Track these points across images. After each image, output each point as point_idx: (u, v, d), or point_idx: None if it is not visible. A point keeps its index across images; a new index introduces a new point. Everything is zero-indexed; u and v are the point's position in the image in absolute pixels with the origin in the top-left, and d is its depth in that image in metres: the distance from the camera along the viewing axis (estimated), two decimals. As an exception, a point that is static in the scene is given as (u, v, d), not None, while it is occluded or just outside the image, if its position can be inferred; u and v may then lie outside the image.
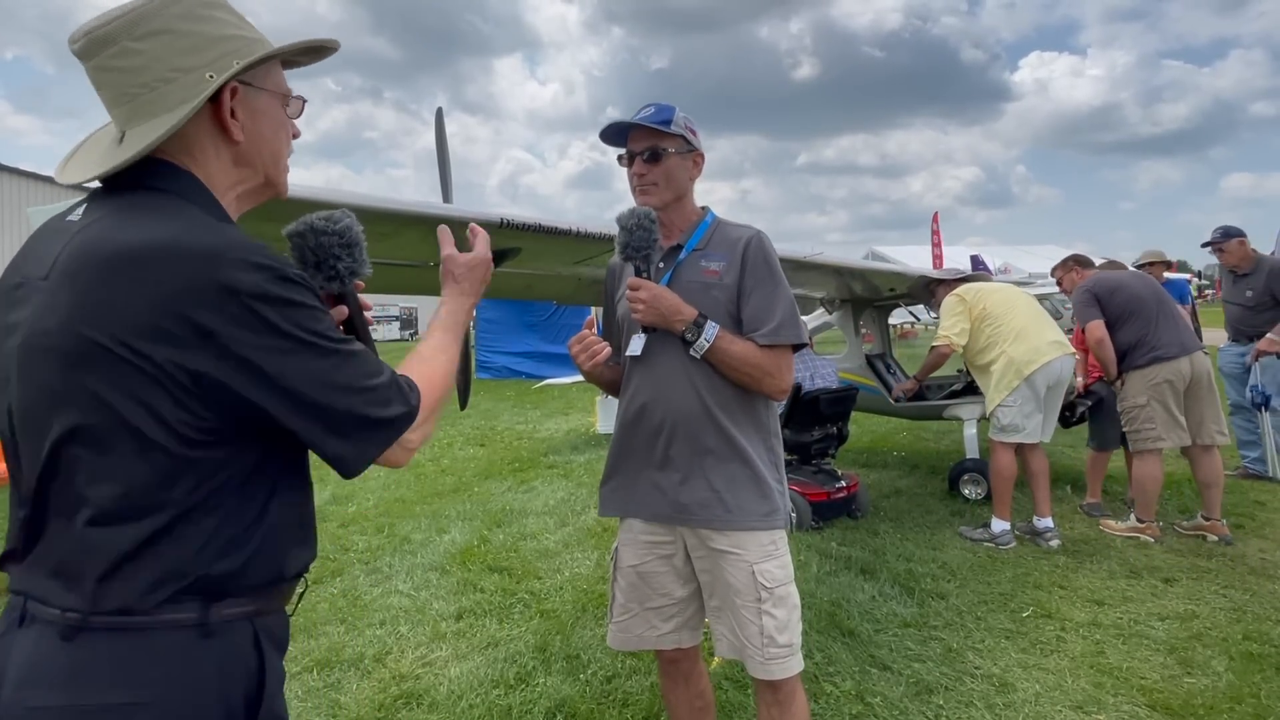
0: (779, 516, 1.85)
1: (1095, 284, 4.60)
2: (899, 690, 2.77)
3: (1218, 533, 4.30)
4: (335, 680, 2.95)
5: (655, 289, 1.79)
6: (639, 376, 1.89)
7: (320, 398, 0.97)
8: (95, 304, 0.89)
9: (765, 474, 1.84)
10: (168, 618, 0.93)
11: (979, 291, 4.64)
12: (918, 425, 8.12)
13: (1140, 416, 4.33)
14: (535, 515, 5.23)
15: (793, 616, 1.81)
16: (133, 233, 0.92)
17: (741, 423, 1.84)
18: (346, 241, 1.12)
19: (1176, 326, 4.43)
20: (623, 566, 1.97)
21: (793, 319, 1.82)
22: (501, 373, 15.14)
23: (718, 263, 1.86)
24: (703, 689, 2.07)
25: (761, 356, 1.79)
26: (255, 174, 1.09)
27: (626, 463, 1.93)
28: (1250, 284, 5.31)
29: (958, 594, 3.65)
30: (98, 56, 0.98)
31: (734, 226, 1.93)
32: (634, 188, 1.90)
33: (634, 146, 1.88)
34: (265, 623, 1.04)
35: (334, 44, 1.13)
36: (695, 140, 1.90)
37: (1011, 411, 4.33)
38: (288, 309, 0.94)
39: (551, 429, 9.02)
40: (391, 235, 2.55)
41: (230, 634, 0.98)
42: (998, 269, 17.37)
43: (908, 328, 24.86)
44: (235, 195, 1.08)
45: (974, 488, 5.27)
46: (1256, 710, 2.61)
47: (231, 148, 1.05)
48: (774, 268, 1.84)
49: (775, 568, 1.81)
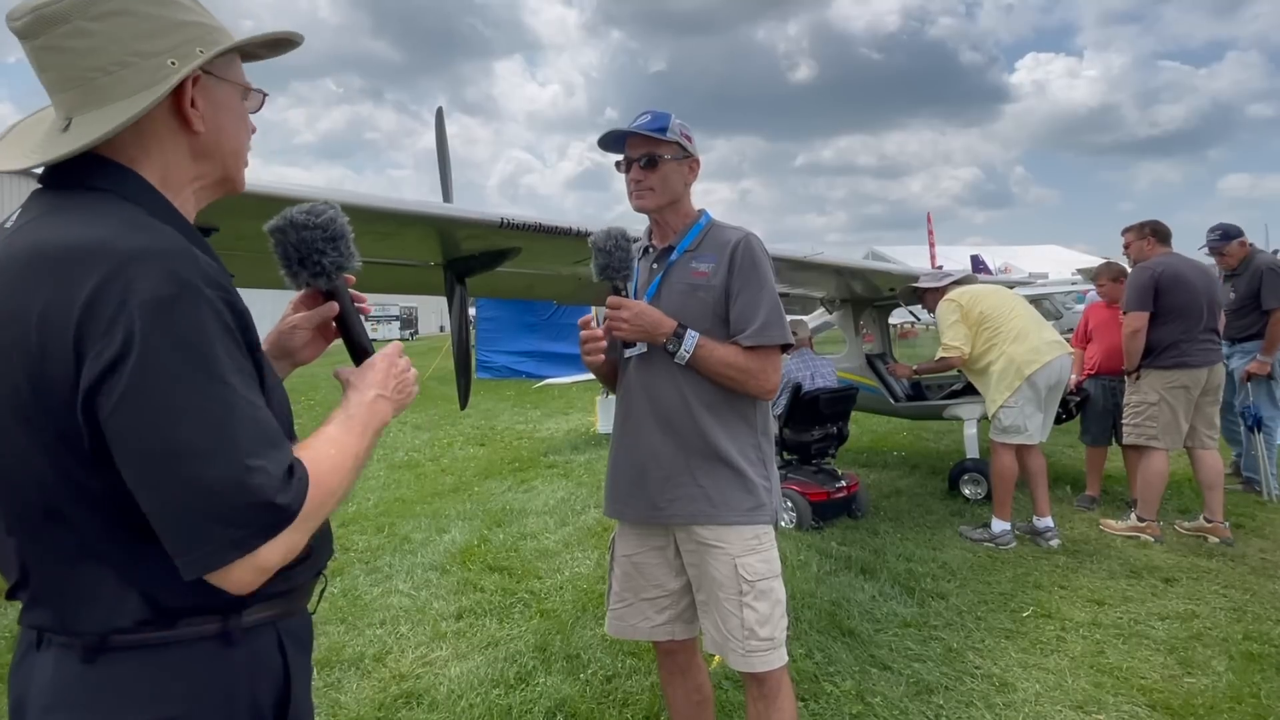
0: (764, 512, 1.89)
1: (1162, 270, 4.34)
2: (899, 690, 2.77)
3: (1219, 534, 4.30)
4: (335, 680, 2.95)
5: (636, 307, 1.83)
6: (631, 379, 1.96)
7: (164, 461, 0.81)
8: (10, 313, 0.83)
9: (750, 471, 1.88)
10: (189, 630, 0.90)
11: (974, 295, 4.61)
12: (918, 425, 8.12)
13: (1145, 413, 4.31)
14: (535, 515, 5.23)
15: (775, 611, 1.85)
16: (59, 233, 0.85)
17: (729, 422, 1.88)
18: (331, 235, 1.07)
19: (1213, 338, 4.33)
20: (619, 556, 2.05)
21: (777, 320, 1.85)
22: (501, 373, 15.15)
23: (707, 264, 1.90)
24: (700, 683, 2.12)
25: (744, 359, 1.83)
26: (215, 168, 1.03)
27: (619, 461, 1.99)
28: (1235, 285, 5.16)
29: (958, 594, 3.65)
30: (45, 35, 0.89)
31: (727, 229, 1.96)
32: (631, 192, 1.95)
33: (631, 153, 1.93)
34: (289, 625, 1.01)
35: (298, 37, 1.07)
36: (690, 146, 1.94)
37: (1014, 413, 4.32)
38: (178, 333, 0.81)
39: (551, 429, 9.02)
40: (392, 235, 2.55)
41: (254, 641, 0.95)
42: (998, 269, 17.37)
43: (908, 328, 24.88)
44: (193, 190, 1.02)
45: (974, 488, 5.27)
46: (1257, 710, 2.61)
47: (190, 139, 0.98)
48: (760, 269, 1.87)
49: (758, 561, 1.85)
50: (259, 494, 0.82)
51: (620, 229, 1.83)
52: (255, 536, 0.83)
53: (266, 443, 0.85)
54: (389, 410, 1.09)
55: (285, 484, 0.85)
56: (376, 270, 3.14)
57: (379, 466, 6.98)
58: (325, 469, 0.93)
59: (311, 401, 11.37)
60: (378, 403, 1.07)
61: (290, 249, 1.06)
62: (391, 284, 3.81)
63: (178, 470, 0.80)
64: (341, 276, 1.11)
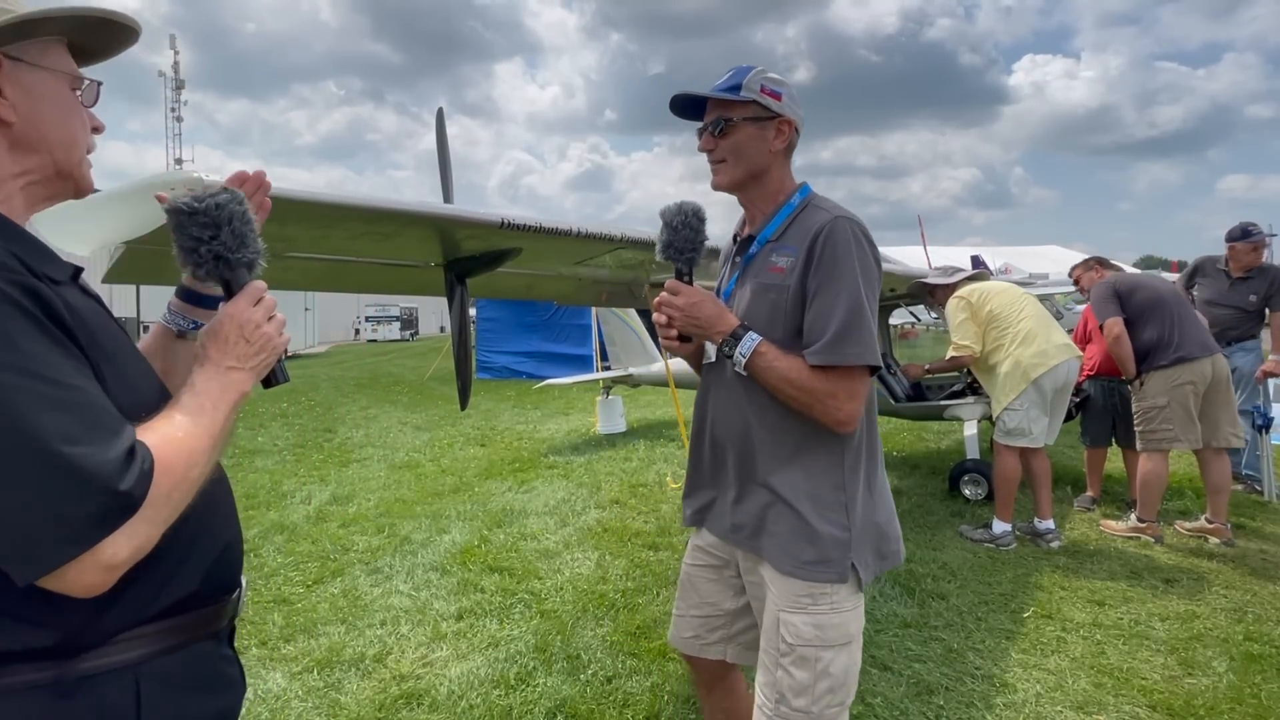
0: (827, 569, 1.52)
1: (1116, 281, 4.59)
2: (899, 690, 2.77)
3: (1221, 536, 4.29)
4: (335, 680, 2.95)
5: (694, 295, 1.56)
6: (705, 384, 1.74)
7: None
8: None
9: (815, 518, 1.53)
10: (8, 681, 0.79)
11: (984, 293, 4.56)
12: (918, 425, 8.12)
13: (1158, 417, 4.29)
14: (535, 515, 5.23)
15: (820, 685, 1.51)
16: None
17: (802, 452, 1.56)
18: (213, 221, 0.98)
19: (1198, 327, 4.39)
20: (684, 564, 1.87)
21: (855, 334, 1.47)
22: (501, 373, 15.14)
23: (787, 257, 1.56)
24: (739, 709, 1.87)
25: (810, 378, 1.48)
26: (43, 162, 0.95)
27: (691, 473, 1.81)
28: (1253, 288, 5.20)
29: (958, 595, 3.65)
30: None
31: (820, 210, 1.58)
32: None
33: (705, 120, 1.64)
34: (162, 666, 0.88)
35: (126, 19, 0.98)
36: (776, 104, 1.58)
37: (1018, 415, 4.30)
38: None
39: (551, 429, 9.02)
40: (392, 236, 2.55)
41: (97, 691, 0.83)
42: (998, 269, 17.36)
43: (908, 328, 24.83)
44: (20, 186, 0.94)
45: (974, 488, 5.27)
46: (1257, 711, 2.61)
47: (3, 130, 0.91)
48: (843, 266, 1.49)
49: (804, 624, 1.53)
50: (89, 482, 0.74)
51: (694, 204, 1.58)
52: (93, 529, 0.75)
53: (91, 427, 0.77)
54: (246, 380, 0.98)
55: (122, 469, 0.77)
56: (377, 271, 3.14)
57: (379, 467, 6.98)
58: (171, 453, 0.84)
59: (312, 401, 11.39)
60: (229, 375, 0.95)
61: (175, 238, 0.99)
62: (392, 284, 3.81)
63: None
64: (224, 269, 1.01)
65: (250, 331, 0.98)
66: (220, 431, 0.92)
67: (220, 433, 0.92)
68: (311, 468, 7.01)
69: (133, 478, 0.78)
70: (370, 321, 40.04)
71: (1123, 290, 4.50)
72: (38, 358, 0.77)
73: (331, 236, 2.39)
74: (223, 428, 0.93)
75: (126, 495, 0.77)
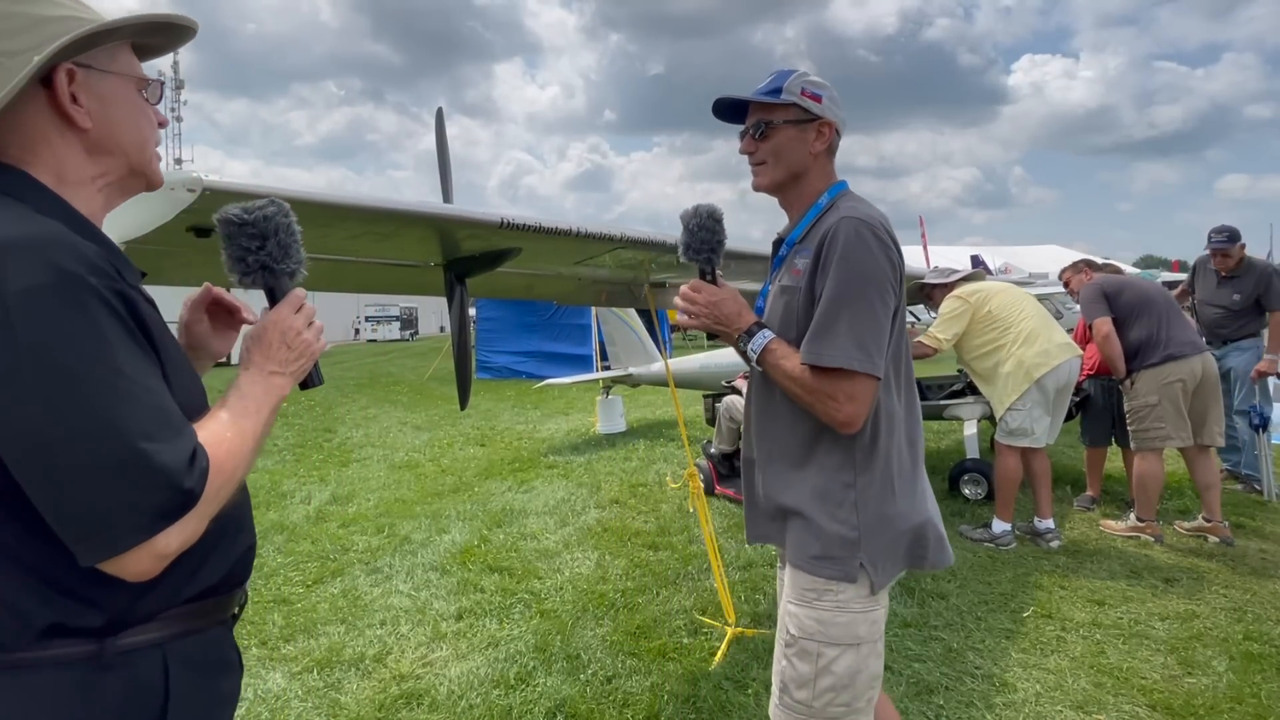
0: (830, 566, 1.54)
1: (1103, 282, 4.64)
2: (900, 690, 2.77)
3: (1219, 534, 4.30)
4: (335, 680, 2.95)
5: (715, 293, 1.60)
6: (752, 383, 1.76)
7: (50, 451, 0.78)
8: None
9: (819, 515, 1.55)
10: (54, 653, 0.84)
11: (984, 293, 4.52)
12: (918, 425, 8.12)
13: (1150, 415, 4.31)
14: (535, 515, 5.24)
15: (821, 681, 1.54)
16: None
17: (818, 448, 1.58)
18: (260, 233, 1.04)
19: (1186, 326, 4.43)
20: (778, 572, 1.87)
21: (843, 335, 1.46)
22: (501, 373, 15.14)
23: (805, 259, 1.57)
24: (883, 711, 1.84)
25: (808, 377, 1.50)
26: (118, 163, 0.99)
27: (744, 476, 1.81)
28: (1238, 287, 5.23)
29: (958, 594, 3.65)
30: None
31: (837, 211, 1.58)
32: None
33: (746, 123, 1.67)
34: (183, 647, 0.94)
35: (186, 20, 1.02)
36: (816, 106, 1.61)
37: (1021, 415, 4.29)
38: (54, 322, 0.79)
39: (551, 429, 9.02)
40: (392, 236, 2.55)
41: (132, 666, 0.89)
42: (998, 269, 17.35)
43: (908, 328, 24.80)
44: (99, 188, 0.99)
45: (974, 488, 5.27)
46: (1257, 710, 2.61)
47: (80, 136, 0.95)
48: (845, 265, 1.49)
49: (807, 618, 1.55)
50: (159, 477, 0.81)
51: (711, 206, 1.61)
52: (157, 520, 0.81)
53: (164, 426, 0.84)
54: (286, 384, 1.04)
55: (187, 467, 0.83)
56: (377, 271, 3.14)
57: (379, 466, 6.99)
58: (222, 453, 0.90)
59: (312, 401, 11.39)
60: (271, 379, 1.02)
61: (224, 246, 1.04)
62: (391, 284, 3.80)
63: (65, 457, 0.78)
64: (270, 278, 1.07)
65: (292, 338, 1.05)
66: (262, 433, 0.98)
67: (262, 434, 0.98)
68: (311, 468, 7.01)
69: (195, 476, 0.84)
70: (370, 321, 40.05)
71: (1110, 291, 4.54)
72: (126, 358, 0.83)
73: (331, 236, 2.39)
74: (264, 429, 0.99)
75: (189, 492, 0.83)
